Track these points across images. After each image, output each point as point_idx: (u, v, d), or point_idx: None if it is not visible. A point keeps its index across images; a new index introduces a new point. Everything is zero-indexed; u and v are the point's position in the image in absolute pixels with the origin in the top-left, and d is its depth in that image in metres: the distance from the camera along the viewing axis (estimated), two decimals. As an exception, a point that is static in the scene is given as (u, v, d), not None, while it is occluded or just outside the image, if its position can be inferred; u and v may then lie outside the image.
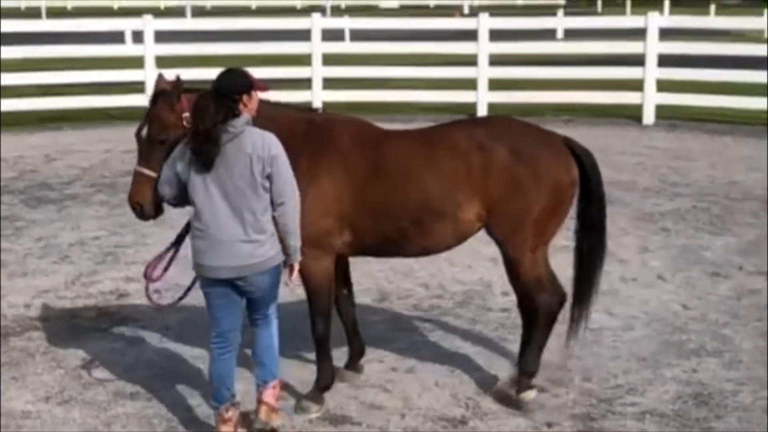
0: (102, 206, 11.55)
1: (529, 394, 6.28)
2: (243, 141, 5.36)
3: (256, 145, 5.36)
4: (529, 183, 5.97)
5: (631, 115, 16.85)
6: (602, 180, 6.29)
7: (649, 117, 16.67)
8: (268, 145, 5.39)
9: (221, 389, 5.71)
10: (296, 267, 5.63)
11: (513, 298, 8.09)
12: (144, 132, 5.77)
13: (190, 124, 5.53)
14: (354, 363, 6.73)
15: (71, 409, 6.27)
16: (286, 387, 6.36)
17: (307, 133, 5.95)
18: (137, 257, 9.49)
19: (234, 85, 5.47)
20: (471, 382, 6.65)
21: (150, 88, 17.60)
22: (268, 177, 5.39)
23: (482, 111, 16.94)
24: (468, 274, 8.92)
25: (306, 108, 6.51)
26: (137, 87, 17.32)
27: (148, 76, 17.20)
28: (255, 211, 5.39)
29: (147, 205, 5.81)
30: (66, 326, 7.69)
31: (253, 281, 5.49)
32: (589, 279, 6.38)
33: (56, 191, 12.29)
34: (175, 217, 10.82)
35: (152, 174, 5.72)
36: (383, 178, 5.95)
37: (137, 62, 17.56)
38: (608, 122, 16.79)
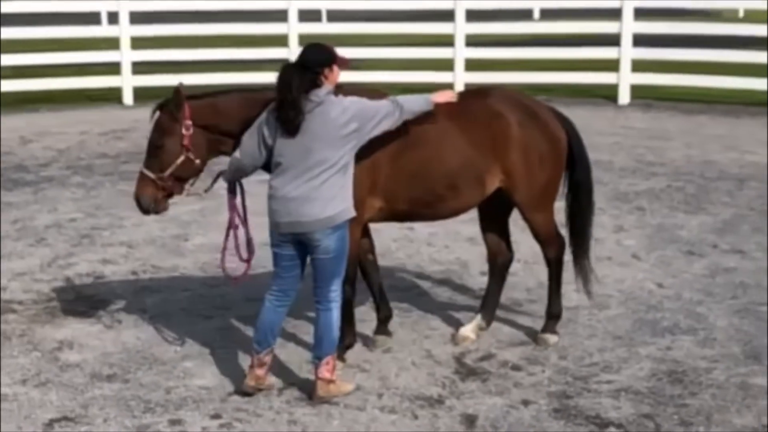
0: (78, 188, 11.51)
1: (552, 338, 6.92)
2: (326, 109, 5.82)
3: (337, 111, 5.82)
4: (541, 147, 6.61)
5: (607, 95, 16.89)
6: (584, 143, 6.93)
7: (624, 97, 16.71)
8: (347, 107, 5.87)
9: (267, 336, 6.12)
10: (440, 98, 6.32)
11: (489, 277, 8.15)
12: (149, 136, 6.26)
13: (190, 130, 6.12)
14: (383, 327, 6.95)
15: (48, 392, 6.27)
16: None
17: None
18: (114, 239, 9.48)
19: (317, 59, 5.90)
20: (448, 361, 6.69)
21: (126, 69, 17.66)
22: (357, 130, 5.87)
23: (459, 91, 16.93)
24: (445, 254, 8.95)
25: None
26: (113, 68, 17.23)
27: (124, 57, 17.13)
28: (330, 173, 5.81)
29: (144, 199, 6.25)
30: (42, 309, 7.68)
31: (321, 242, 5.86)
32: (584, 235, 7.04)
33: (32, 173, 12.23)
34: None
35: (150, 174, 6.20)
36: (417, 148, 6.33)
37: (113, 43, 17.45)
38: (584, 102, 16.82)
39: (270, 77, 5.94)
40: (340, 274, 6.04)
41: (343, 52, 6.06)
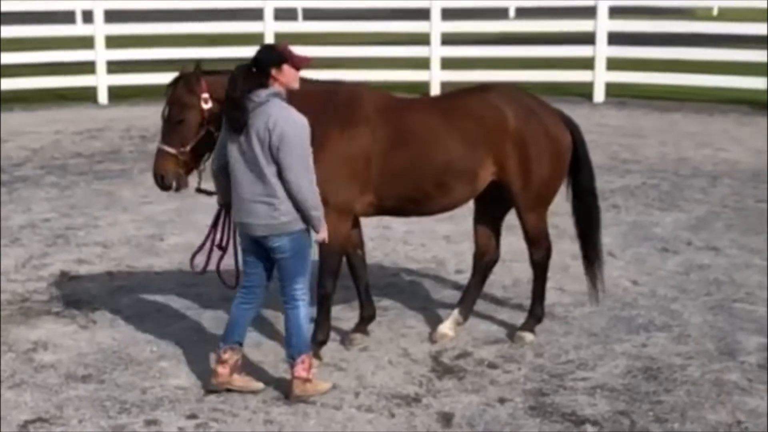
0: (53, 188, 11.44)
1: (527, 337, 6.92)
2: (266, 110, 5.76)
3: (270, 118, 5.73)
4: (538, 142, 6.61)
5: (582, 93, 16.95)
6: (587, 148, 6.94)
7: (599, 95, 16.78)
8: (281, 121, 5.71)
9: (232, 333, 6.14)
10: (322, 234, 5.97)
11: (466, 276, 8.18)
12: (165, 113, 6.23)
13: (209, 103, 6.12)
14: (363, 326, 6.99)
15: (22, 393, 6.23)
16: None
17: (334, 105, 6.39)
18: (88, 239, 9.43)
19: (265, 58, 5.87)
20: (425, 360, 6.70)
21: (101, 68, 17.51)
22: (278, 150, 5.73)
23: (435, 90, 16.96)
24: (422, 253, 8.96)
25: (328, 81, 6.82)
26: (88, 67, 17.13)
27: (99, 56, 17.04)
28: (269, 176, 5.76)
29: (168, 175, 6.25)
30: (17, 309, 7.63)
31: (274, 242, 5.87)
32: (593, 240, 7.12)
33: (6, 173, 12.13)
34: (128, 199, 10.81)
35: (171, 150, 6.21)
36: (408, 144, 6.41)
37: (88, 42, 17.36)
38: (560, 100, 16.75)
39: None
40: (304, 273, 6.01)
41: (318, 50, 6.07)
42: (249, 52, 19.43)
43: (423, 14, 17.50)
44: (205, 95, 6.15)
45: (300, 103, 5.97)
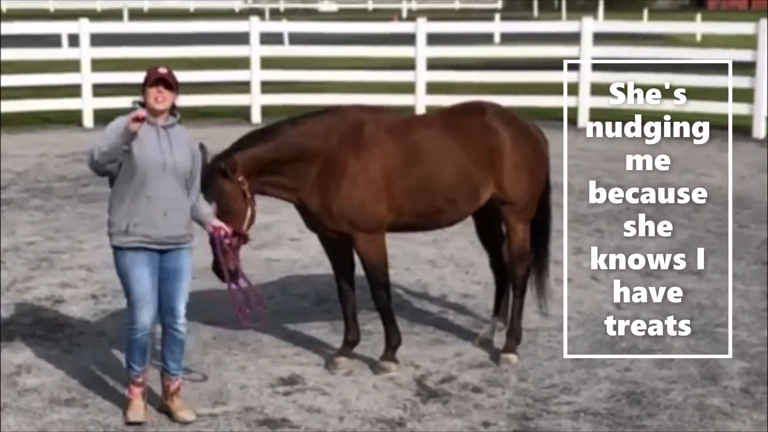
0: (37, 211, 11.42)
1: (513, 358, 6.99)
2: None
3: None
4: (530, 161, 7.08)
5: (567, 117, 17.01)
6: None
7: (583, 120, 16.88)
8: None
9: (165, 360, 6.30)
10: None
11: (450, 300, 8.22)
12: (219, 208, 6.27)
13: (245, 183, 6.26)
14: (347, 350, 7.03)
15: (6, 417, 6.21)
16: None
17: (342, 131, 6.58)
18: (73, 263, 9.41)
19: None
20: (409, 384, 6.70)
21: (86, 91, 17.48)
22: None
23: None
24: (405, 277, 8.97)
25: (324, 109, 7.04)
26: (73, 90, 17.15)
27: (84, 79, 17.07)
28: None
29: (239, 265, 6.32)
30: (1, 333, 7.60)
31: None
32: (546, 248, 7.57)
33: (-10, 196, 12.13)
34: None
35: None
36: (421, 163, 6.68)
37: (74, 65, 17.38)
38: (543, 125, 16.78)
39: (231, 99, 6.05)
40: None
41: (304, 74, 6.18)
42: (235, 75, 19.51)
43: (409, 39, 17.59)
44: (241, 178, 6.27)
45: (315, 138, 6.42)
